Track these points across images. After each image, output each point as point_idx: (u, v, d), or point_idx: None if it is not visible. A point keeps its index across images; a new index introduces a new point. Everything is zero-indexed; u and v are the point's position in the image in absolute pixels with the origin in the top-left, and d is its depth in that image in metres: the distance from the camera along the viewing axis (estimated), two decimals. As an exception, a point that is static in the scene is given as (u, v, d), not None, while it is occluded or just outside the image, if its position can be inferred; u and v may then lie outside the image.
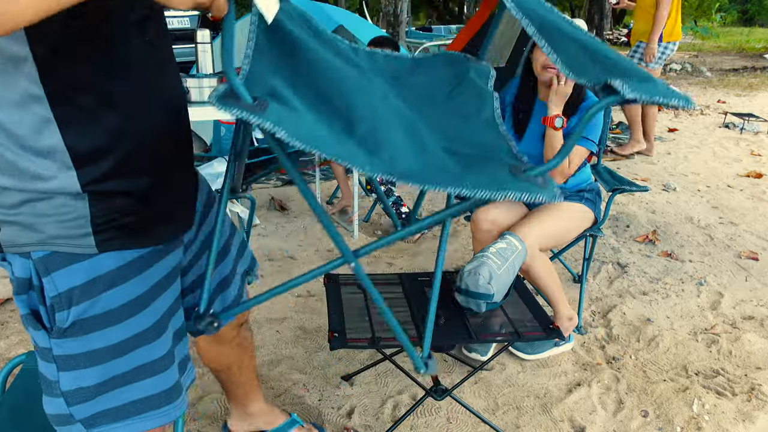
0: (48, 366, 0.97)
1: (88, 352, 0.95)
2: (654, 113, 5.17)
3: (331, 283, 1.97)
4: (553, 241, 2.18)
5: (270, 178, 4.44)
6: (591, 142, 2.17)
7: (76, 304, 0.92)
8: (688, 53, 16.35)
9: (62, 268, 0.91)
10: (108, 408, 1.00)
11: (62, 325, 0.93)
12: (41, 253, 0.90)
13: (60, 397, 0.97)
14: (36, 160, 0.84)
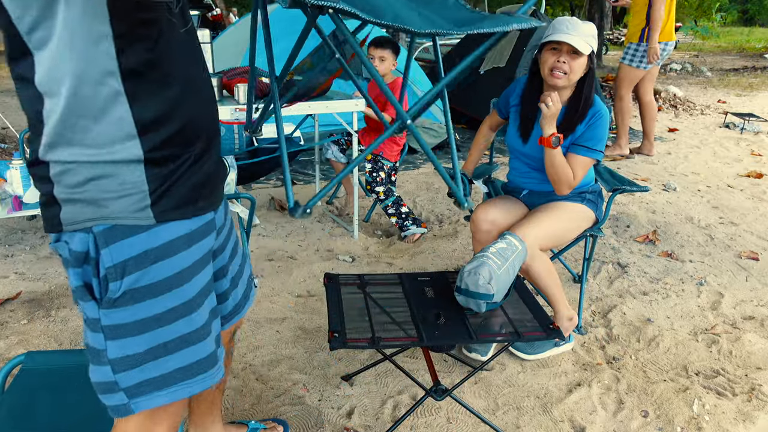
0: (95, 336, 1.04)
1: (135, 322, 1.03)
2: (653, 114, 5.16)
3: (331, 283, 1.97)
4: (553, 240, 2.18)
5: (270, 178, 4.44)
6: (597, 152, 2.16)
7: (129, 274, 1.01)
8: (689, 53, 16.34)
9: (120, 240, 1.00)
10: (152, 377, 1.07)
11: (113, 295, 1.01)
12: (102, 227, 0.98)
13: (107, 365, 1.05)
14: (105, 130, 0.94)
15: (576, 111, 2.14)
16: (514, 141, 2.30)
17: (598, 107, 2.15)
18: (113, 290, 1.01)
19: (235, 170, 2.84)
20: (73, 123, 0.92)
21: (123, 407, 1.07)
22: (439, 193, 4.13)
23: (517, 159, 2.36)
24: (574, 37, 2.05)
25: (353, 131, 3.24)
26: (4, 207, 2.85)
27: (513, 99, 2.34)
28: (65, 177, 0.96)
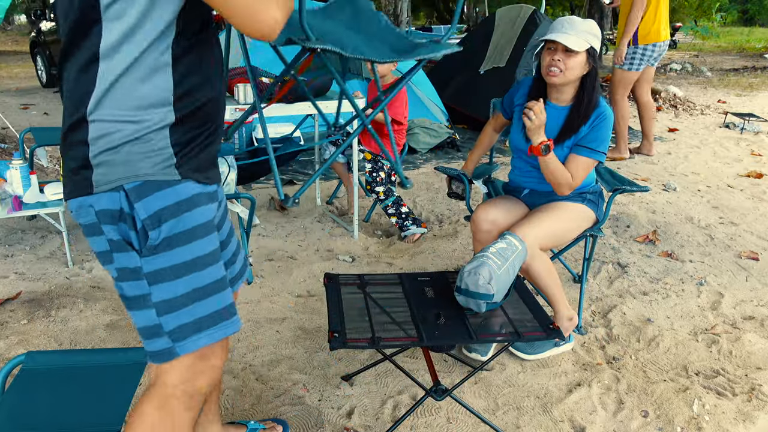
0: (138, 283, 1.15)
1: (174, 266, 1.15)
2: (651, 114, 5.15)
3: (331, 283, 1.97)
4: (554, 240, 2.18)
5: (270, 178, 4.44)
6: (600, 153, 2.16)
7: (165, 222, 1.13)
8: (689, 53, 16.34)
9: (152, 193, 1.11)
10: (191, 320, 1.18)
11: (154, 242, 1.13)
12: (132, 184, 1.10)
13: (152, 308, 1.16)
14: (149, 92, 1.08)
15: (579, 111, 2.14)
16: (518, 140, 2.30)
17: (602, 109, 2.15)
18: (153, 238, 1.12)
19: (235, 170, 2.84)
20: (124, 83, 1.06)
21: (167, 351, 1.18)
22: (439, 193, 4.14)
23: (520, 158, 2.36)
24: (568, 35, 2.05)
25: (353, 131, 3.24)
26: (4, 207, 2.85)
27: (518, 99, 2.34)
28: (101, 140, 1.08)
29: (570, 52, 2.06)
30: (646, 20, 4.71)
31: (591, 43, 2.07)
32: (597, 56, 2.12)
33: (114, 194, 1.11)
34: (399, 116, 3.35)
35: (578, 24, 2.09)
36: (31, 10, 11.47)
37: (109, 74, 1.05)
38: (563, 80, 2.11)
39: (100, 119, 1.07)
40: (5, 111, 6.72)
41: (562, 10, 20.58)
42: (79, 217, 1.16)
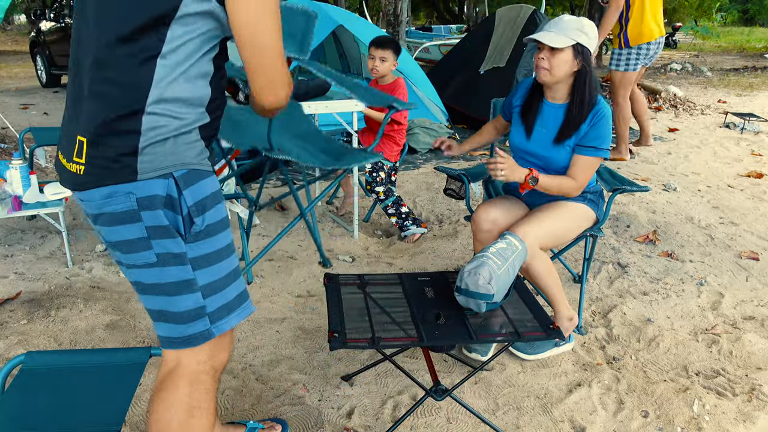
0: (183, 268, 1.23)
1: (213, 252, 1.26)
2: (642, 106, 5.14)
3: (331, 283, 1.97)
4: (554, 240, 2.18)
5: (270, 178, 4.44)
6: (604, 150, 2.16)
7: (208, 210, 1.24)
8: (689, 53, 16.34)
9: (195, 183, 1.22)
10: (225, 302, 1.30)
11: (198, 228, 1.23)
12: (181, 172, 1.20)
13: (198, 291, 1.26)
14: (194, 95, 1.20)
15: (575, 109, 2.14)
16: (517, 139, 2.30)
17: (600, 106, 2.15)
18: (198, 224, 1.23)
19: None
20: (178, 82, 1.17)
21: (206, 332, 1.28)
22: (439, 193, 4.13)
23: (519, 158, 2.35)
24: (550, 33, 2.06)
25: (353, 131, 3.24)
26: (3, 207, 2.85)
27: (516, 100, 2.34)
28: (153, 131, 1.16)
29: (554, 50, 2.06)
30: (634, 21, 4.72)
31: (577, 39, 2.06)
32: (587, 53, 2.10)
33: (162, 181, 1.18)
34: (399, 116, 3.35)
35: (564, 22, 2.09)
36: (31, 10, 11.47)
37: (166, 73, 1.15)
38: (551, 79, 2.11)
39: (154, 112, 1.15)
40: (5, 111, 6.72)
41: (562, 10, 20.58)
42: (108, 206, 1.18)
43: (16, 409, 1.42)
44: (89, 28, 1.17)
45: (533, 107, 2.24)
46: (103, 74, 1.16)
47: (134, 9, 1.12)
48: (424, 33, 14.85)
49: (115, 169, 1.16)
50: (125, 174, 1.16)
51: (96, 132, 1.16)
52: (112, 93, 1.16)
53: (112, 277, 2.84)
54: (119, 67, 1.15)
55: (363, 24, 5.76)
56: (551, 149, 2.19)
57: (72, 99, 1.22)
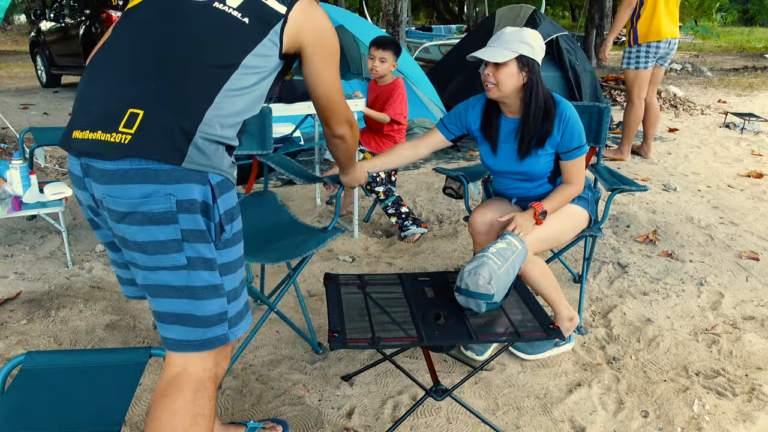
0: (212, 273, 1.28)
1: (235, 260, 1.33)
2: (654, 116, 5.07)
3: (331, 283, 1.97)
4: (548, 244, 2.18)
5: (270, 178, 4.44)
6: (584, 146, 2.14)
7: (234, 219, 1.32)
8: (689, 53, 16.35)
9: (226, 192, 1.29)
10: (240, 309, 1.36)
11: (228, 236, 1.30)
12: (217, 180, 1.26)
13: (224, 296, 1.31)
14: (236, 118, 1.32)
15: (529, 121, 2.09)
16: (486, 158, 2.27)
17: (561, 108, 2.10)
18: (228, 231, 1.30)
19: (235, 170, 2.84)
20: (238, 95, 1.30)
21: (223, 336, 1.32)
22: (439, 193, 4.13)
23: (498, 176, 2.32)
24: (491, 49, 2.03)
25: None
26: (3, 207, 2.85)
27: (474, 120, 2.26)
28: (208, 127, 1.24)
29: (498, 65, 2.02)
30: (644, 19, 4.67)
31: (519, 51, 2.01)
32: (533, 64, 2.04)
33: (202, 187, 1.23)
34: (399, 116, 3.35)
35: (506, 35, 2.04)
36: (31, 10, 11.47)
37: (235, 84, 1.28)
38: (499, 94, 2.07)
39: (215, 112, 1.25)
40: (5, 111, 6.73)
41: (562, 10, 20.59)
42: (144, 205, 1.19)
43: (16, 409, 1.42)
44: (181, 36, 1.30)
45: (492, 124, 2.20)
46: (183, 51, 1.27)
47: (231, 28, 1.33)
48: (424, 33, 14.85)
49: (166, 146, 1.19)
50: (173, 155, 1.19)
51: (159, 105, 1.21)
52: (193, 59, 1.26)
53: (112, 277, 2.84)
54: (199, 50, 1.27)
55: (363, 24, 5.76)
56: (522, 163, 2.17)
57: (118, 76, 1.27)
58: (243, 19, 1.33)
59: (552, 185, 2.25)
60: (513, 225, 2.04)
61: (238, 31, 1.32)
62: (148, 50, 1.28)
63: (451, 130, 2.32)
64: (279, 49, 1.36)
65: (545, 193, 2.23)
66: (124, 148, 1.17)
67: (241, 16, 1.33)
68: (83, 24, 8.05)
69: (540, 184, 2.25)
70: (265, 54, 1.34)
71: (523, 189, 2.28)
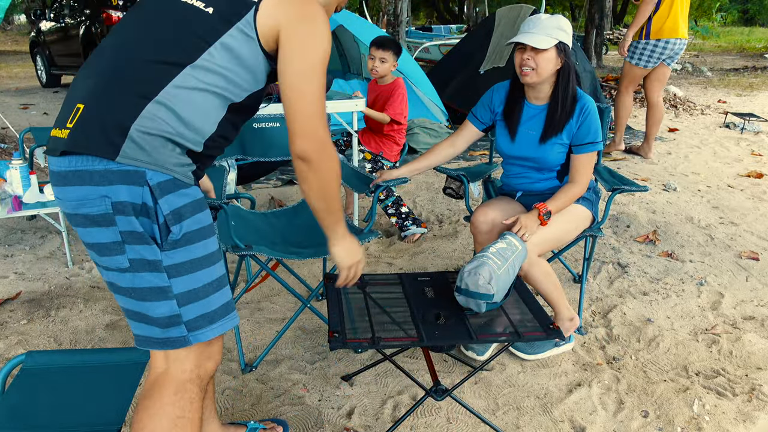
0: (158, 275, 1.22)
1: (192, 260, 1.24)
2: (658, 117, 5.04)
3: (331, 283, 1.97)
4: (552, 244, 2.18)
5: (270, 178, 4.44)
6: (598, 143, 2.18)
7: (185, 218, 1.22)
8: (689, 53, 16.34)
9: (172, 192, 1.21)
10: (205, 312, 1.27)
11: (175, 237, 1.21)
12: (156, 180, 1.18)
13: (173, 299, 1.24)
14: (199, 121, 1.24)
15: (557, 107, 2.15)
16: (503, 144, 2.30)
17: (584, 101, 2.17)
18: (175, 232, 1.21)
19: (235, 170, 2.84)
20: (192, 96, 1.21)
21: (182, 339, 1.26)
22: (439, 193, 4.13)
23: (509, 163, 2.35)
24: (533, 35, 2.07)
25: (353, 131, 3.24)
26: (3, 207, 2.85)
27: (497, 106, 2.32)
28: (150, 121, 1.17)
29: (538, 50, 2.07)
30: (660, 15, 4.62)
31: (559, 38, 2.08)
32: (568, 51, 2.12)
33: (138, 188, 1.17)
34: (399, 116, 3.35)
35: (544, 21, 2.10)
36: (31, 10, 11.47)
37: (187, 81, 1.20)
38: (536, 79, 2.11)
39: (161, 107, 1.18)
40: (5, 111, 6.73)
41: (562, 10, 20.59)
42: (83, 207, 1.18)
43: (16, 409, 1.42)
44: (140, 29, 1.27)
45: (515, 110, 2.24)
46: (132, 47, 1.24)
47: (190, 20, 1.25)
48: (424, 33, 14.85)
49: (100, 140, 1.16)
50: (107, 149, 1.15)
51: (98, 99, 1.18)
52: (131, 58, 1.22)
53: (112, 277, 2.84)
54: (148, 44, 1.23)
55: (363, 24, 5.76)
56: (539, 149, 2.20)
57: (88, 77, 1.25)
58: (206, 9, 1.25)
59: (559, 181, 2.27)
60: (518, 226, 2.05)
61: (199, 23, 1.24)
62: (120, 51, 1.25)
63: (482, 120, 2.38)
64: (257, 43, 1.25)
65: (550, 188, 2.25)
66: (63, 142, 1.18)
67: (204, 6, 1.25)
68: (83, 24, 8.05)
69: (548, 177, 2.27)
70: (234, 47, 1.23)
71: (530, 179, 2.29)
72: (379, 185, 2.26)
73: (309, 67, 1.26)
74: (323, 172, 1.32)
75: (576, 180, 2.19)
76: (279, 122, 2.58)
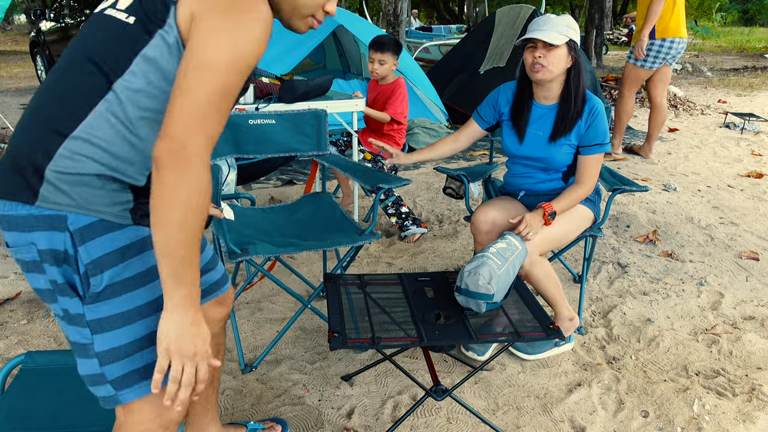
0: (81, 330, 1.09)
1: (118, 314, 1.08)
2: (661, 118, 4.96)
3: (331, 283, 1.97)
4: (553, 244, 2.18)
5: (270, 178, 4.44)
6: (606, 144, 2.19)
7: (108, 269, 1.06)
8: (689, 53, 16.34)
9: (99, 236, 1.05)
10: (135, 368, 1.11)
11: (96, 289, 1.06)
12: (78, 225, 1.04)
13: (94, 357, 1.09)
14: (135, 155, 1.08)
15: (569, 105, 2.16)
16: (510, 144, 2.31)
17: (592, 102, 2.17)
18: (95, 285, 1.06)
19: (235, 170, 2.84)
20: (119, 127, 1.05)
21: (111, 398, 1.12)
22: (439, 193, 4.13)
23: (514, 163, 2.36)
24: (545, 32, 2.07)
25: (353, 131, 3.24)
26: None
27: (503, 106, 2.33)
28: (69, 161, 1.03)
29: (551, 46, 2.08)
30: (664, 13, 4.54)
31: (570, 36, 2.09)
32: (578, 49, 2.13)
33: (58, 234, 1.04)
34: (399, 116, 3.35)
35: (554, 20, 2.11)
36: (31, 10, 11.47)
37: (113, 108, 1.04)
38: (548, 75, 2.11)
39: (78, 142, 1.03)
40: (5, 111, 6.73)
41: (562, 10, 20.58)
42: (16, 253, 1.09)
43: (16, 408, 1.42)
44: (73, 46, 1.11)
45: (523, 110, 2.24)
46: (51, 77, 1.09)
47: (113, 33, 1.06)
48: (424, 33, 14.85)
49: (19, 183, 1.04)
50: (24, 193, 1.03)
51: (19, 137, 1.06)
52: (51, 93, 1.07)
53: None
54: (68, 72, 1.07)
55: (363, 24, 5.76)
56: (547, 149, 2.20)
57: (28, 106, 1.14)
58: (128, 20, 1.05)
59: (564, 182, 2.28)
60: (523, 225, 2.06)
61: (122, 37, 1.05)
62: (49, 79, 1.11)
63: (486, 119, 2.39)
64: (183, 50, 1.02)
65: (555, 189, 2.25)
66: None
67: (126, 16, 1.06)
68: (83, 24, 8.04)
69: (554, 178, 2.27)
70: (159, 60, 1.03)
71: (535, 180, 2.30)
72: (381, 187, 2.26)
73: (214, 61, 0.98)
74: (171, 189, 0.98)
75: (582, 181, 2.20)
76: (274, 119, 2.57)
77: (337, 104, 3.12)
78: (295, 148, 2.59)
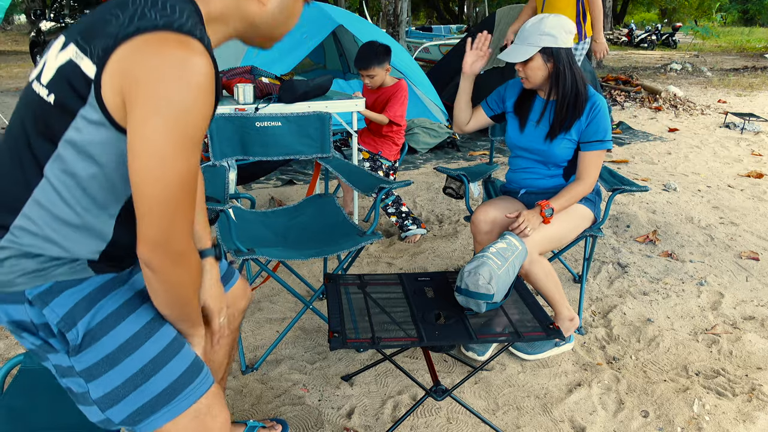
0: (76, 380, 1.09)
1: (103, 358, 1.07)
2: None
3: (331, 283, 1.97)
4: (553, 243, 2.18)
5: (270, 178, 4.44)
6: (607, 141, 2.20)
7: (80, 319, 1.06)
8: (689, 53, 16.34)
9: (58, 294, 1.05)
10: (140, 405, 1.09)
11: (75, 342, 1.06)
12: (35, 292, 1.04)
13: (93, 405, 1.09)
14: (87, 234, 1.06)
15: (559, 109, 2.17)
16: (512, 134, 2.34)
17: (594, 99, 2.18)
18: (73, 338, 1.06)
19: (235, 170, 2.84)
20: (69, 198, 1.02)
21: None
22: (439, 193, 4.13)
23: (516, 156, 2.38)
24: (513, 50, 2.13)
25: (353, 131, 3.24)
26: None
27: (509, 97, 2.38)
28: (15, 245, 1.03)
29: (524, 61, 2.13)
30: None
31: (540, 44, 2.09)
32: (557, 52, 2.11)
33: (20, 307, 1.05)
34: (398, 118, 3.35)
35: (526, 30, 2.12)
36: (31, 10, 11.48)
37: (48, 196, 1.01)
38: (531, 85, 2.20)
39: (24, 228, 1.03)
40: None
41: (562, 10, 20.56)
42: (1, 321, 1.10)
43: (16, 409, 1.42)
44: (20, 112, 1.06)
45: (527, 102, 2.29)
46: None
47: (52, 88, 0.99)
48: (424, 33, 14.85)
49: None
50: None
51: None
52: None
53: (112, 277, 2.84)
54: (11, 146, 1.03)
55: (363, 24, 5.76)
56: (546, 143, 2.23)
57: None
58: (48, 97, 0.98)
59: (565, 180, 2.28)
60: (521, 219, 2.06)
61: (44, 118, 0.98)
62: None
63: (491, 107, 2.46)
64: (112, 127, 0.95)
65: (555, 187, 2.26)
66: None
67: (47, 93, 0.98)
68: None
69: (554, 174, 2.28)
70: (83, 143, 0.96)
71: (536, 174, 2.30)
72: (383, 187, 2.27)
73: (160, 156, 0.90)
74: (171, 284, 1.03)
75: (582, 178, 2.20)
76: (280, 121, 2.58)
77: (337, 104, 3.12)
78: (299, 151, 2.62)
